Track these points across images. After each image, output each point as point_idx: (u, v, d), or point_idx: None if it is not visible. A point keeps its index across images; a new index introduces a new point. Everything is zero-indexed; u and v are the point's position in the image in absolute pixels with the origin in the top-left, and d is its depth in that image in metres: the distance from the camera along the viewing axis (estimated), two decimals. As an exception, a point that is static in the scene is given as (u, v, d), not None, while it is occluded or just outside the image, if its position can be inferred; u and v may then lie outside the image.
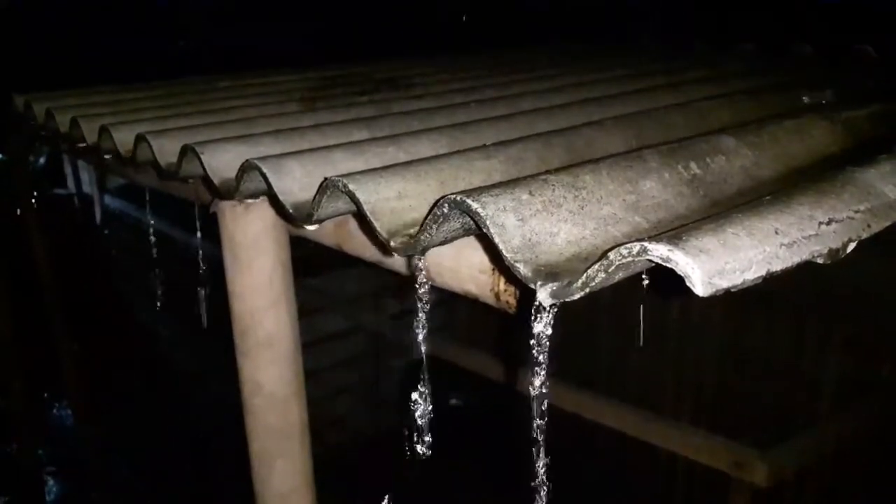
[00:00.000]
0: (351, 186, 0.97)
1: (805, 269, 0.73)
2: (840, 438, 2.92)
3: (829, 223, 0.72)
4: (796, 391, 3.55)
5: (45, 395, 5.58)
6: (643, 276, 1.50)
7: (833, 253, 0.73)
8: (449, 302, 5.00)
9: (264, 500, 1.74)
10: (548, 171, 0.89)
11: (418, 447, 1.04)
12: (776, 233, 0.68)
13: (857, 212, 0.75)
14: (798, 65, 2.51)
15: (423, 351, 1.03)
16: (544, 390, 0.87)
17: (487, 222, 0.78)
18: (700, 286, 0.61)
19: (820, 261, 0.74)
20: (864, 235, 0.74)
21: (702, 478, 3.74)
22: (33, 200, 3.62)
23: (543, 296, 0.72)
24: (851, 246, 0.75)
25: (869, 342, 3.27)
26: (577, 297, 0.71)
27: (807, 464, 2.89)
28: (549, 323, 0.80)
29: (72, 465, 4.87)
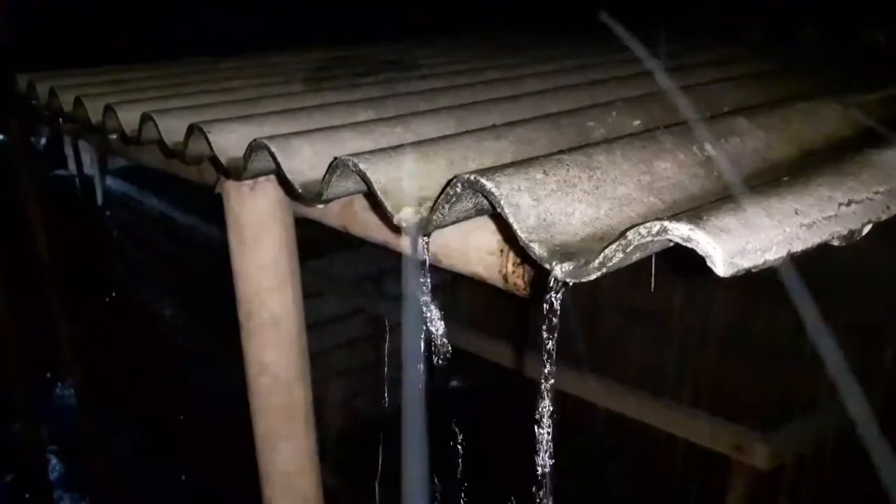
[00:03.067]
0: (362, 166, 0.96)
1: (808, 253, 0.72)
2: (841, 422, 2.93)
3: (848, 204, 0.71)
4: (798, 375, 3.57)
5: (48, 375, 5.61)
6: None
7: (851, 235, 0.72)
8: (452, 285, 5.01)
9: (269, 480, 1.75)
10: (561, 151, 0.88)
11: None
12: (796, 213, 0.67)
13: (876, 193, 0.75)
14: (806, 50, 2.49)
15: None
16: (553, 372, 0.87)
17: (502, 202, 0.77)
18: (721, 266, 0.60)
19: (837, 243, 0.74)
20: (884, 217, 0.74)
21: (702, 460, 3.76)
22: (34, 182, 3.61)
23: (559, 276, 0.71)
24: (868, 227, 0.75)
25: (872, 326, 3.27)
26: (593, 277, 0.70)
27: (808, 447, 2.90)
28: (560, 304, 0.79)
29: (74, 445, 4.91)
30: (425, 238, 0.95)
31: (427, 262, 0.96)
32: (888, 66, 1.99)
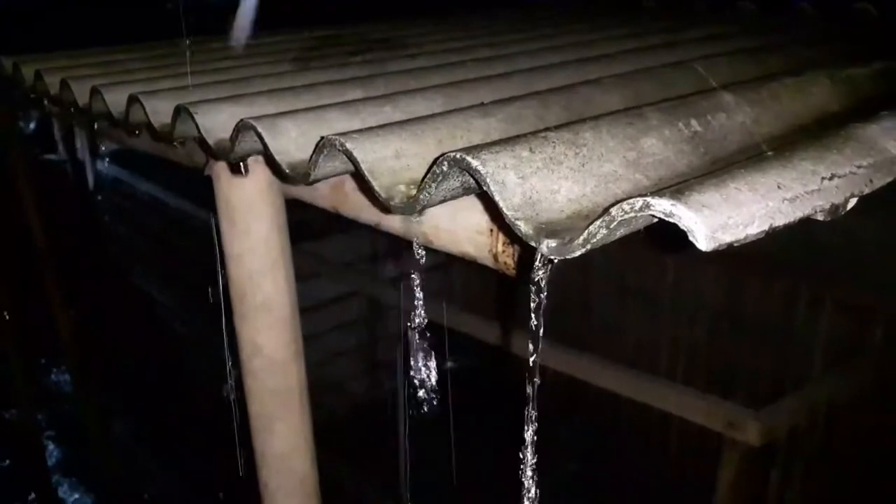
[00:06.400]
0: (348, 145, 0.96)
1: (799, 232, 0.73)
2: (832, 399, 2.95)
3: (831, 178, 0.71)
4: (789, 352, 3.59)
5: (43, 360, 5.61)
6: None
7: (834, 209, 0.72)
8: (445, 266, 5.01)
9: (265, 461, 1.76)
10: (548, 129, 0.88)
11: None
12: (778, 188, 0.67)
13: (859, 167, 0.75)
14: (798, 24, 2.48)
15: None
16: (541, 350, 0.87)
17: (488, 180, 0.77)
18: (703, 241, 0.60)
19: (821, 217, 0.74)
20: (866, 191, 0.74)
21: (695, 437, 3.80)
22: (26, 166, 3.59)
23: (545, 253, 0.72)
24: (852, 202, 0.75)
25: (861, 304, 3.30)
26: (577, 254, 0.71)
27: (799, 423, 2.93)
28: (547, 281, 0.79)
29: (71, 429, 4.92)
30: (417, 217, 0.95)
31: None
32: (879, 39, 1.98)
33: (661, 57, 1.67)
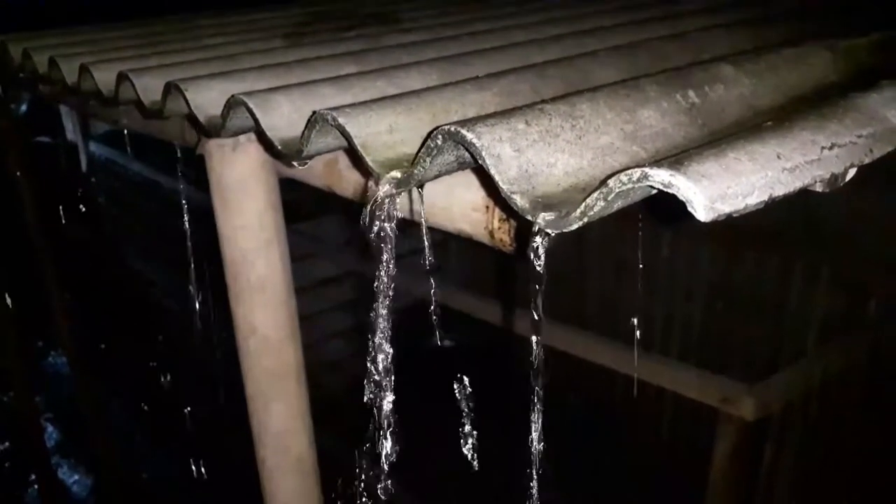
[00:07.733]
0: (340, 120, 0.94)
1: (795, 205, 0.72)
2: (827, 373, 2.97)
3: (831, 148, 0.70)
4: (784, 327, 3.61)
5: (40, 343, 5.61)
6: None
7: (834, 179, 0.72)
8: (440, 244, 5.00)
9: (262, 441, 1.76)
10: (544, 101, 0.87)
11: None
12: (778, 157, 0.66)
13: (859, 137, 0.74)
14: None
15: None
16: (539, 327, 0.86)
17: (483, 153, 0.76)
18: (702, 211, 0.60)
19: (820, 188, 0.73)
20: (866, 160, 0.73)
21: (689, 412, 3.83)
22: (19, 149, 3.55)
23: (541, 226, 0.71)
24: (852, 172, 0.74)
25: (857, 278, 3.30)
26: (575, 227, 0.70)
27: (793, 398, 2.95)
28: (545, 258, 0.79)
29: (70, 412, 4.94)
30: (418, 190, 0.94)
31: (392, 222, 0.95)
32: (877, 11, 1.96)
33: (657, 29, 1.65)
